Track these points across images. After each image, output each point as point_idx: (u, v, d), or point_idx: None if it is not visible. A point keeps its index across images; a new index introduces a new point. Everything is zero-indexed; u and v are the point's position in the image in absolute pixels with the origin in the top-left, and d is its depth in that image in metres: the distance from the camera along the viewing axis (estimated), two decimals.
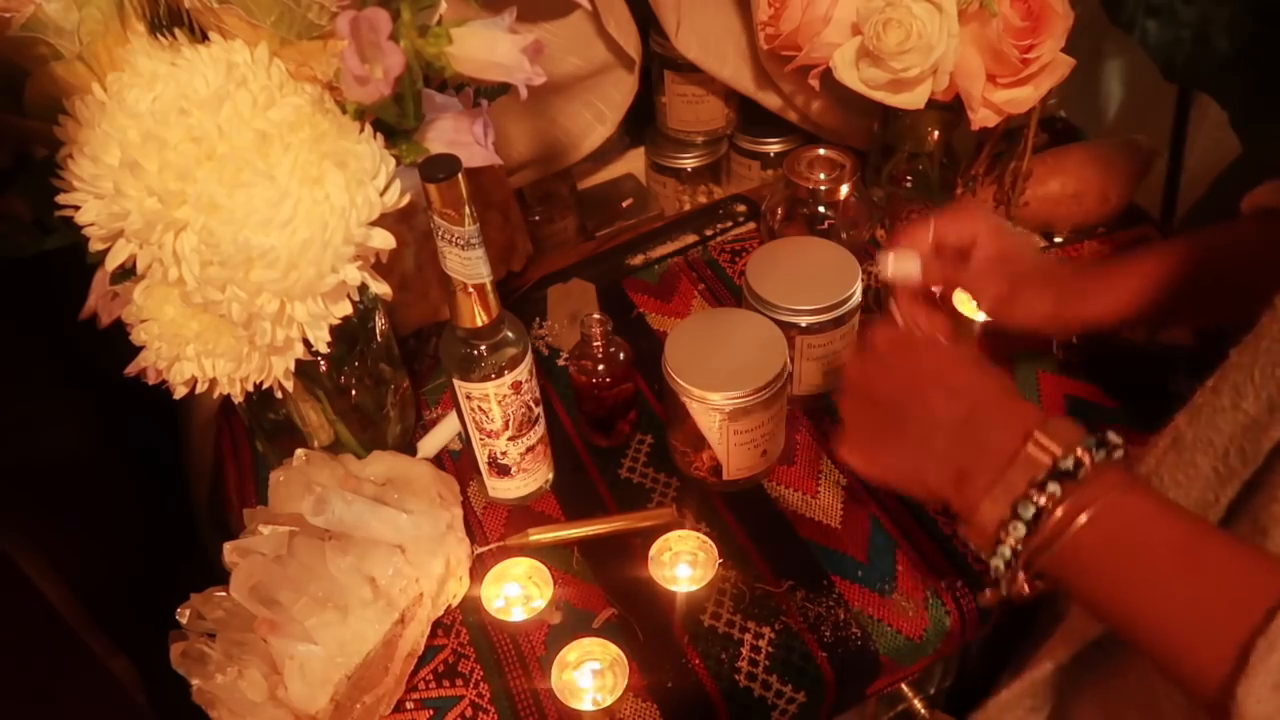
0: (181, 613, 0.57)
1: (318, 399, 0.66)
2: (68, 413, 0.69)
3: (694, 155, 1.02)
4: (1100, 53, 1.20)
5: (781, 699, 0.60)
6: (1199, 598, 0.37)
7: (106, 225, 0.47)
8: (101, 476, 0.71)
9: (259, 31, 0.49)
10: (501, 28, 0.52)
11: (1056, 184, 0.86)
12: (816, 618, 0.63)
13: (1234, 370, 0.41)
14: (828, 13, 0.76)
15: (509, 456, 0.66)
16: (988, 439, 0.44)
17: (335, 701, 0.55)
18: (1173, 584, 0.38)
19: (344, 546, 0.58)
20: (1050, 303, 0.62)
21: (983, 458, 0.43)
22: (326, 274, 0.49)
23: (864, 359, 0.52)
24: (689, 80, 0.95)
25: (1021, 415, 0.44)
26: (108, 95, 0.47)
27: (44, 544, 0.51)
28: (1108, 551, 0.40)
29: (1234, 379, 0.41)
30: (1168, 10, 0.83)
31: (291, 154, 0.47)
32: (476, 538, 0.69)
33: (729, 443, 0.65)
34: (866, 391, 0.51)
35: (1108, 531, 0.40)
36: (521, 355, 0.61)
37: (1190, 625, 0.37)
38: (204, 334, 0.53)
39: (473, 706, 0.61)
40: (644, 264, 0.91)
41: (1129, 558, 0.40)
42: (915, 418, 0.47)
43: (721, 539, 0.66)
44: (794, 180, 0.75)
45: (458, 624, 0.65)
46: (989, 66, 0.74)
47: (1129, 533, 0.40)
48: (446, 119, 0.56)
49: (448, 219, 0.52)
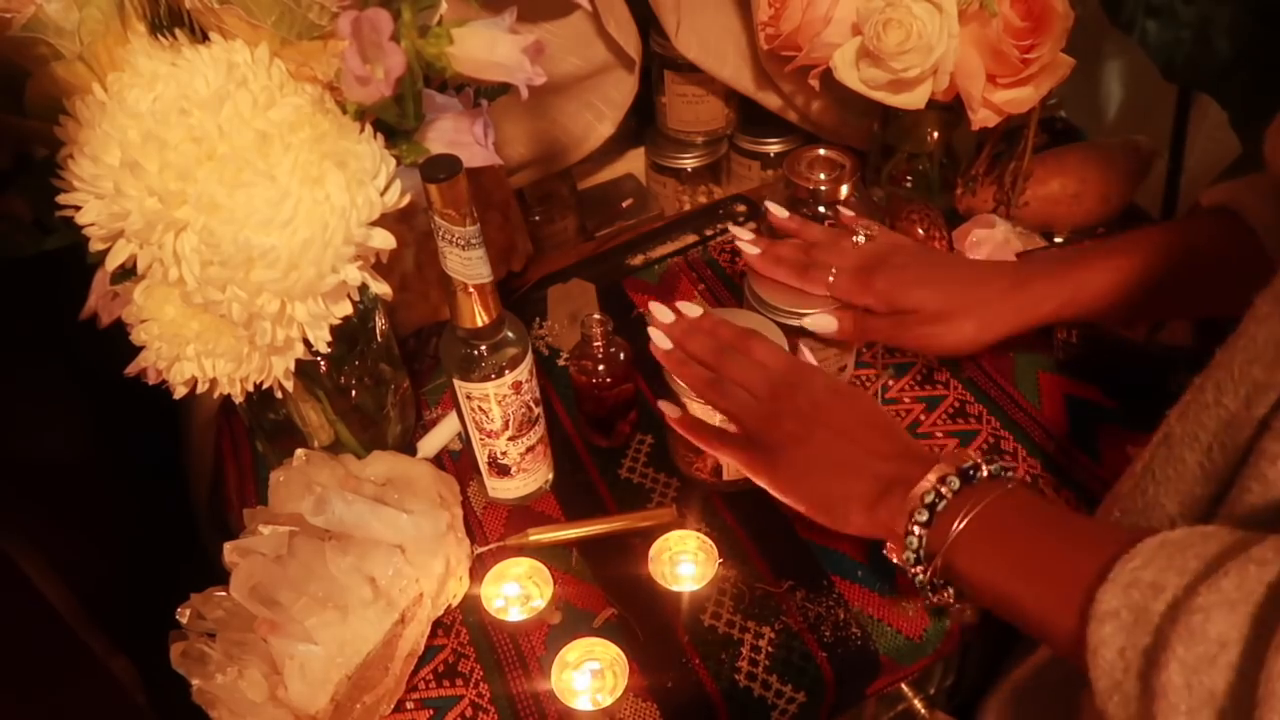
0: (181, 613, 0.57)
1: (318, 399, 0.66)
2: (68, 413, 0.69)
3: (694, 155, 1.02)
4: (1100, 53, 1.19)
5: (781, 699, 0.60)
6: (1062, 559, 0.43)
7: (107, 225, 0.47)
8: (101, 476, 0.71)
9: (259, 32, 0.49)
10: (502, 28, 0.52)
11: (1056, 184, 0.86)
12: (816, 618, 0.63)
13: (1217, 368, 0.42)
14: (828, 13, 0.76)
15: (509, 456, 0.66)
16: (909, 468, 0.52)
17: (335, 701, 0.55)
18: (1042, 552, 0.45)
19: (344, 546, 0.58)
20: (973, 328, 0.66)
21: (902, 477, 0.51)
22: (327, 274, 0.49)
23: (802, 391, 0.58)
24: (689, 80, 0.95)
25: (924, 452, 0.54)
26: (108, 95, 0.47)
27: (44, 544, 0.51)
28: (993, 535, 0.47)
29: (1217, 376, 0.42)
30: (1168, 10, 0.83)
31: (292, 154, 0.47)
32: (476, 538, 0.69)
33: None
34: (808, 429, 0.57)
35: (993, 518, 0.47)
36: (522, 355, 0.61)
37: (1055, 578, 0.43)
38: (204, 334, 0.53)
39: (473, 706, 0.61)
40: (644, 264, 0.91)
41: (1009, 538, 0.47)
42: (854, 452, 0.55)
43: (721, 539, 0.66)
44: (794, 180, 0.75)
45: (458, 624, 0.65)
46: (989, 66, 0.74)
47: (1010, 517, 0.47)
48: (447, 119, 0.56)
49: (448, 219, 0.52)
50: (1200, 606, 0.34)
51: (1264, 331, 0.39)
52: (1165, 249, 0.62)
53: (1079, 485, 0.68)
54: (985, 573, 0.47)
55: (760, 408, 0.59)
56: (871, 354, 0.78)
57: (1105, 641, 0.37)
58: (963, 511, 0.48)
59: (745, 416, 0.59)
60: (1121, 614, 0.37)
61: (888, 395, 0.76)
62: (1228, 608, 0.34)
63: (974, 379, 0.77)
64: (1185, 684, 0.33)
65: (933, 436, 0.73)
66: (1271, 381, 0.38)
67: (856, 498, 0.54)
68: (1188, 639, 0.34)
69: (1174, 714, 0.33)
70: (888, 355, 0.78)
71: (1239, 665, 0.33)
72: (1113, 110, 1.23)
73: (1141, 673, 0.35)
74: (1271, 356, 0.38)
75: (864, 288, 0.67)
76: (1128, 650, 0.36)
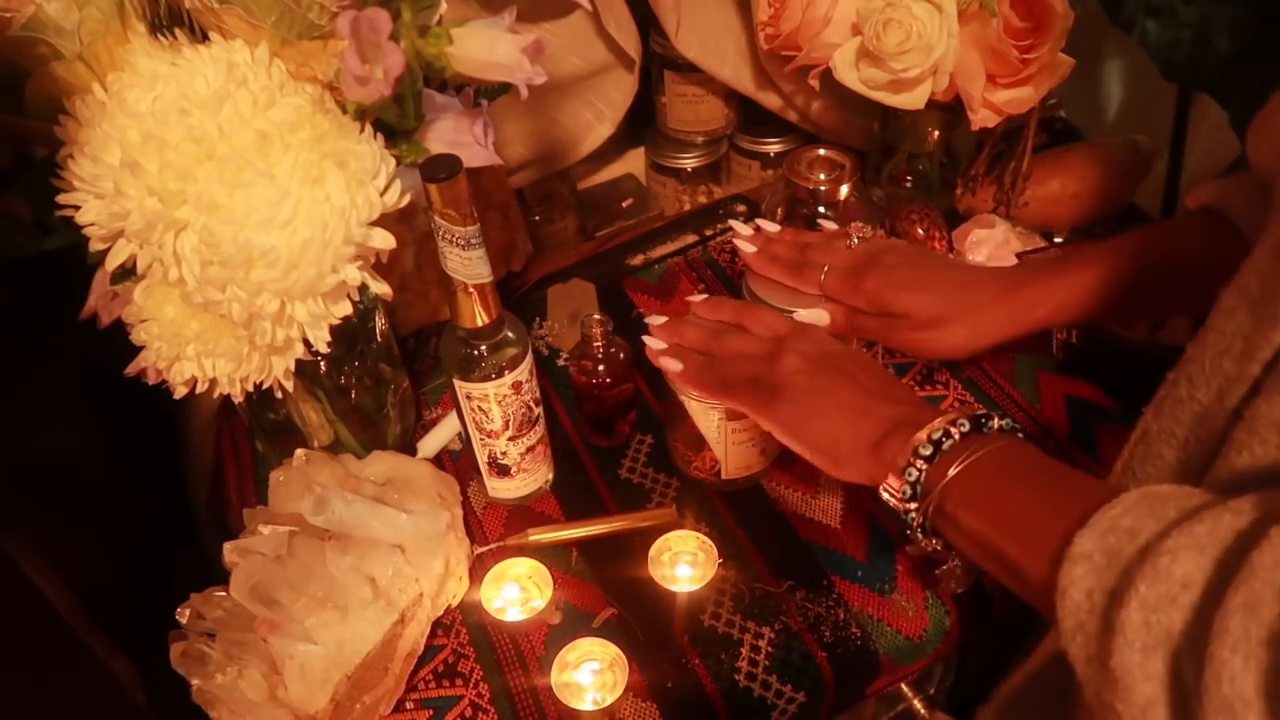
0: (181, 613, 0.57)
1: (318, 399, 0.66)
2: (68, 413, 0.69)
3: (694, 155, 1.02)
4: (1100, 53, 1.19)
5: (781, 699, 0.60)
6: (1047, 507, 0.43)
7: (107, 225, 0.47)
8: (101, 476, 0.71)
9: (259, 31, 0.49)
10: (501, 28, 0.52)
11: (1056, 184, 0.86)
12: (816, 618, 0.63)
13: (1189, 362, 0.42)
14: (828, 13, 0.76)
15: (509, 456, 0.66)
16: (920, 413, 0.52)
17: (335, 701, 0.55)
18: (1030, 499, 0.45)
19: (344, 546, 0.58)
20: (963, 334, 0.66)
21: (911, 419, 0.51)
22: (327, 274, 0.49)
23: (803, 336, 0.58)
24: (689, 80, 0.95)
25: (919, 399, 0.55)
26: (108, 95, 0.47)
27: (44, 544, 0.51)
28: (987, 479, 0.47)
29: (1189, 370, 0.42)
30: (1168, 10, 0.83)
31: (292, 154, 0.47)
32: (476, 538, 0.69)
33: (728, 442, 0.65)
34: (814, 368, 0.56)
35: (991, 464, 0.47)
36: (522, 355, 0.61)
37: (1037, 525, 0.43)
38: (204, 334, 0.53)
39: (472, 706, 0.61)
40: (644, 264, 0.91)
41: (1002, 483, 0.47)
42: (866, 394, 0.54)
43: (721, 539, 0.66)
44: (794, 180, 0.75)
45: (457, 624, 0.65)
46: (989, 67, 0.74)
47: (1008, 465, 0.47)
48: (447, 119, 0.56)
49: (448, 219, 0.52)
50: (1169, 548, 0.34)
51: (1231, 324, 0.39)
52: (1154, 251, 0.63)
53: None
54: (972, 516, 0.47)
55: (760, 359, 0.58)
56: (872, 353, 0.78)
57: (1075, 583, 0.37)
58: (966, 453, 0.48)
59: (745, 369, 0.58)
60: (1095, 557, 0.37)
61: None
62: (1196, 550, 0.34)
63: (974, 379, 0.77)
64: (1144, 621, 0.33)
65: None
66: (1242, 374, 0.38)
67: (862, 437, 0.53)
68: (1152, 578, 0.34)
69: (1129, 650, 0.33)
70: (888, 355, 0.78)
71: (1198, 605, 0.33)
72: (1113, 110, 1.23)
73: (1104, 611, 0.35)
74: (1240, 349, 0.38)
75: (854, 289, 0.67)
76: (1095, 592, 0.36)
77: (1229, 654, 0.30)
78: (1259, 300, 0.38)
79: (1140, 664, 0.33)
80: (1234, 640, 0.30)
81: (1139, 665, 0.33)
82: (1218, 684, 0.30)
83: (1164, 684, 0.32)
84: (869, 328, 0.68)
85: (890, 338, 0.68)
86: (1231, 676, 0.30)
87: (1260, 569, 0.31)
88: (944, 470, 0.48)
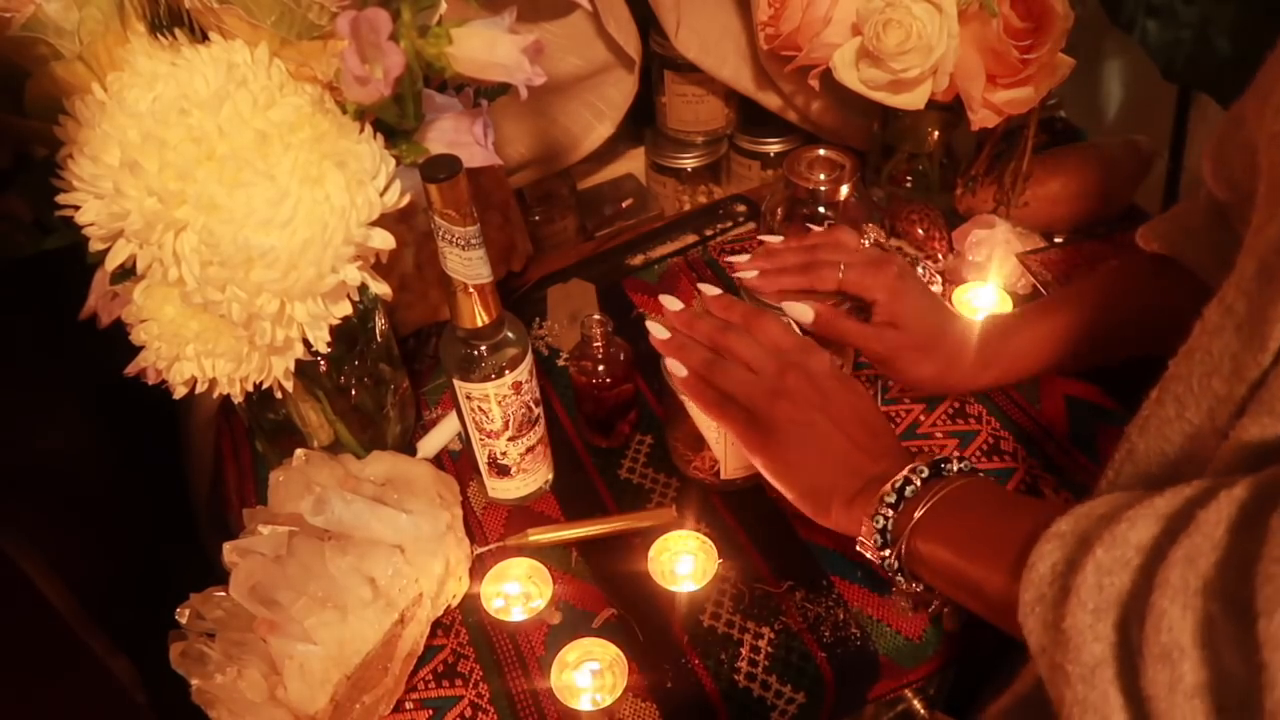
0: (181, 613, 0.57)
1: (318, 399, 0.66)
2: (67, 413, 0.69)
3: (694, 155, 1.02)
4: (1100, 53, 1.19)
5: (781, 699, 0.60)
6: (1011, 527, 0.44)
7: (106, 225, 0.47)
8: (101, 476, 0.71)
9: (259, 31, 0.49)
10: (501, 28, 0.52)
11: (1056, 184, 0.86)
12: (816, 618, 0.63)
13: (1174, 381, 0.42)
14: (828, 13, 0.76)
15: (509, 457, 0.66)
16: (891, 465, 0.54)
17: (335, 701, 0.55)
18: (994, 524, 0.47)
19: (343, 546, 0.58)
20: (933, 370, 0.68)
21: (882, 474, 0.53)
22: (326, 274, 0.49)
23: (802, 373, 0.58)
24: (689, 80, 0.95)
25: (907, 453, 0.56)
26: (108, 95, 0.47)
27: (44, 544, 0.51)
28: (950, 515, 0.49)
29: (1175, 390, 0.42)
30: (1168, 10, 0.83)
31: (291, 154, 0.47)
32: (476, 538, 0.69)
33: (727, 442, 0.65)
34: (807, 415, 0.57)
35: (952, 501, 0.50)
36: (521, 355, 0.61)
37: (1002, 543, 0.44)
38: (204, 334, 0.53)
39: (472, 706, 0.61)
40: (644, 264, 0.91)
41: (965, 516, 0.49)
42: (847, 449, 0.56)
43: (721, 539, 0.66)
44: (794, 180, 0.75)
45: (457, 624, 0.65)
46: (989, 67, 0.74)
47: (968, 500, 0.50)
48: (446, 119, 0.56)
49: (448, 219, 0.52)
50: (1129, 516, 0.35)
51: (1218, 344, 0.39)
52: (1104, 301, 0.66)
53: (1079, 486, 0.68)
54: (937, 550, 0.49)
55: (761, 385, 0.58)
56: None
57: (1044, 557, 0.38)
58: (927, 497, 0.50)
59: (746, 393, 0.58)
60: (1066, 535, 0.38)
61: (888, 395, 0.76)
62: (1153, 519, 0.34)
63: None
64: (1097, 584, 0.34)
65: (932, 437, 0.73)
66: (1232, 394, 0.39)
67: (840, 491, 0.55)
68: (1109, 543, 0.35)
69: (1081, 611, 0.34)
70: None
71: (1148, 567, 0.33)
72: (1113, 110, 1.23)
73: (1064, 579, 0.36)
74: (1229, 369, 0.39)
75: (875, 280, 0.65)
76: (1059, 564, 0.37)
77: (1168, 604, 0.31)
78: (1245, 320, 0.38)
79: (1091, 625, 0.34)
80: (1173, 591, 0.31)
81: (1089, 626, 0.34)
82: (1156, 633, 0.31)
83: (1112, 645, 0.33)
84: (849, 329, 0.66)
85: (870, 342, 0.66)
86: (1170, 625, 0.30)
87: (1204, 524, 0.32)
88: (910, 514, 0.50)
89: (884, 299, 0.66)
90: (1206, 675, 0.29)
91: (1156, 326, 0.59)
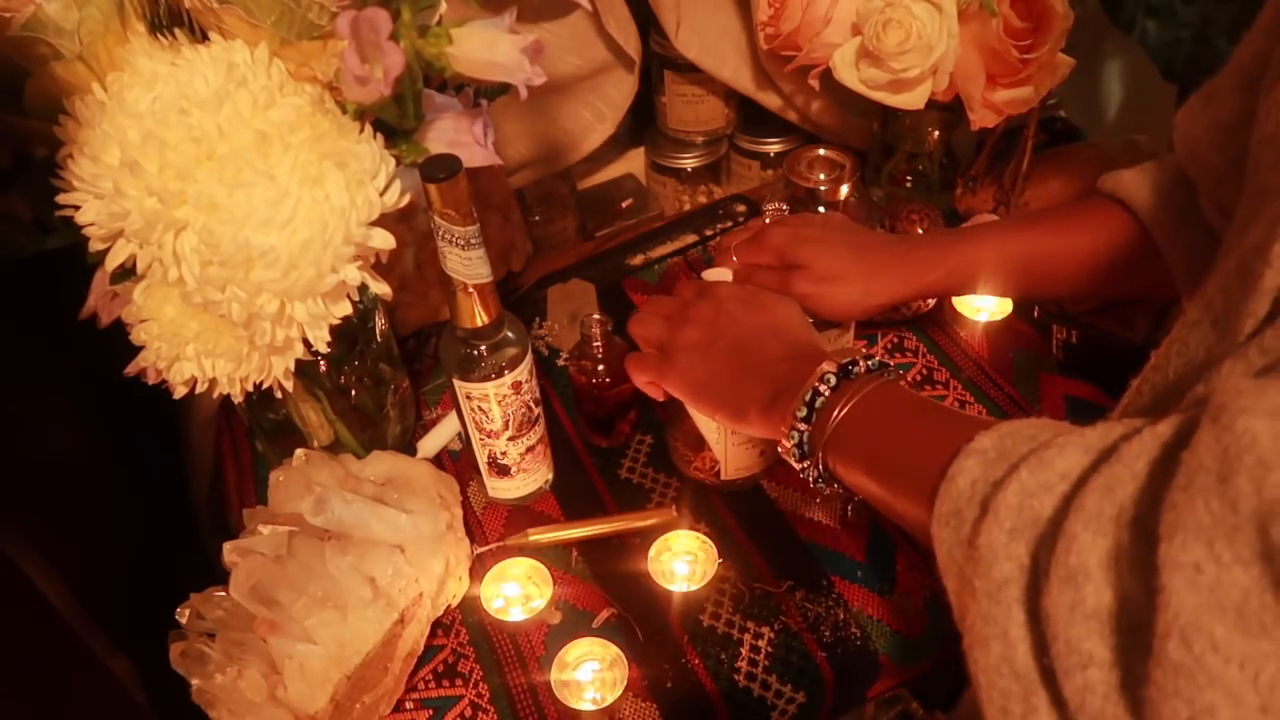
0: (181, 613, 0.57)
1: (318, 399, 0.66)
2: (67, 413, 0.69)
3: (694, 155, 1.02)
4: (1100, 53, 1.19)
5: (781, 699, 0.60)
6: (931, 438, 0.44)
7: (106, 225, 0.47)
8: (101, 476, 0.71)
9: (259, 31, 0.49)
10: (501, 28, 0.52)
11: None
12: (816, 618, 0.63)
13: (1154, 372, 0.43)
14: (828, 13, 0.76)
15: (509, 456, 0.66)
16: (802, 367, 0.54)
17: (335, 701, 0.55)
18: (913, 434, 0.46)
19: (343, 546, 0.58)
20: (857, 292, 0.68)
21: (794, 378, 0.53)
22: (326, 274, 0.49)
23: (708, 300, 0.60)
24: (689, 80, 0.95)
25: (818, 352, 0.56)
26: (108, 95, 0.47)
27: (44, 544, 0.51)
28: (864, 425, 0.49)
29: (1153, 380, 0.43)
30: (1168, 10, 0.83)
31: (291, 154, 0.47)
32: (476, 538, 0.69)
33: (727, 442, 0.65)
34: (709, 336, 0.58)
35: (866, 410, 0.49)
36: (521, 355, 0.61)
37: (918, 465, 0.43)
38: (204, 334, 0.53)
39: (472, 706, 0.61)
40: (644, 264, 0.91)
41: (880, 425, 0.49)
42: (754, 357, 0.57)
43: (721, 539, 0.66)
44: (794, 180, 0.75)
45: (457, 624, 0.65)
46: (989, 66, 0.74)
47: (884, 407, 0.49)
48: (446, 119, 0.56)
49: (448, 219, 0.52)
50: (1058, 444, 0.35)
51: (1195, 337, 0.40)
52: (1053, 230, 0.66)
53: None
54: (851, 471, 0.49)
55: (669, 323, 0.61)
56: (872, 348, 0.78)
57: (964, 471, 0.38)
58: (839, 405, 0.50)
59: (657, 335, 0.62)
60: (989, 452, 0.38)
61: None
62: (1082, 449, 0.35)
63: (973, 379, 0.77)
64: (1018, 505, 0.34)
65: None
66: (1208, 388, 0.39)
67: (754, 401, 0.55)
68: (1035, 467, 0.35)
69: (998, 530, 0.35)
70: (898, 354, 0.78)
71: (1069, 495, 0.33)
72: (1113, 110, 1.23)
73: (984, 499, 0.37)
74: (1202, 359, 0.39)
75: (759, 245, 0.69)
76: (979, 482, 0.38)
77: (1080, 528, 0.31)
78: (1221, 315, 0.38)
79: (1005, 544, 0.34)
80: (1087, 516, 0.31)
81: (1004, 545, 0.34)
82: (1066, 555, 0.31)
83: (1022, 565, 0.34)
84: (766, 279, 0.69)
85: (789, 288, 0.68)
86: (1079, 549, 0.31)
87: (1125, 456, 0.32)
88: (824, 427, 0.50)
89: (772, 256, 0.69)
90: (1108, 598, 0.30)
91: (1095, 272, 0.62)
